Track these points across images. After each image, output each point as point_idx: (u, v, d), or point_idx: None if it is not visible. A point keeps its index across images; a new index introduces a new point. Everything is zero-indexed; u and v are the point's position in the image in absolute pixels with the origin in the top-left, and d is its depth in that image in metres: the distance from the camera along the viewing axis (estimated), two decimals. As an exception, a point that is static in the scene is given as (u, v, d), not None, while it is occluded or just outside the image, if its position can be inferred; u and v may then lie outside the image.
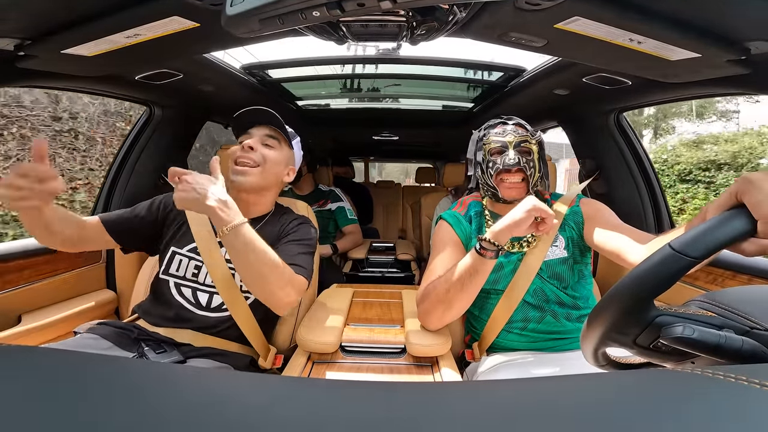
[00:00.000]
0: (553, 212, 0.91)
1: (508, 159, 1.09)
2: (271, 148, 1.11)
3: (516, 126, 1.14)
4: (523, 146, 1.11)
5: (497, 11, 0.82)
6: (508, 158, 1.09)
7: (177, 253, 1.08)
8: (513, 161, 1.08)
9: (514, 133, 1.11)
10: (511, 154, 1.09)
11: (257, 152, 1.08)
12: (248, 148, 1.07)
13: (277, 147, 1.13)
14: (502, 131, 1.13)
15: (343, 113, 2.61)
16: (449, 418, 0.28)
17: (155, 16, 0.82)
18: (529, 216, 0.90)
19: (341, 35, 0.99)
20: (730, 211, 0.48)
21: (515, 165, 1.08)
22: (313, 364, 1.00)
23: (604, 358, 0.54)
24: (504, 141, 1.11)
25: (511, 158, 1.09)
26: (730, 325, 0.43)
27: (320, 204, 2.41)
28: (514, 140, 1.10)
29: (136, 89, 1.44)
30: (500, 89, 1.86)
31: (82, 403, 0.28)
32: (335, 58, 1.73)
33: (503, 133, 1.12)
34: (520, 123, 1.15)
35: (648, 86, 1.25)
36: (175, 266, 1.07)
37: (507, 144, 1.11)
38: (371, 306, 1.35)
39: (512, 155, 1.09)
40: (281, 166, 1.14)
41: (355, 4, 0.63)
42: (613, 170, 1.67)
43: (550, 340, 1.07)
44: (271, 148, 1.11)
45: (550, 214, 0.90)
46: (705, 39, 0.81)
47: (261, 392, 0.32)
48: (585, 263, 1.14)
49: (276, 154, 1.12)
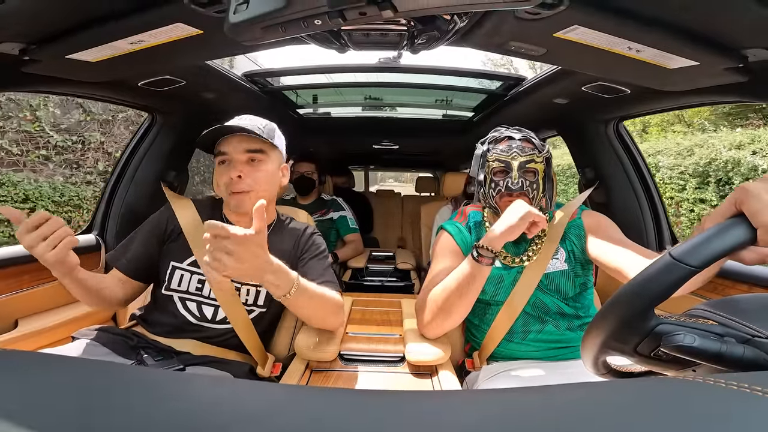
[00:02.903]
0: (544, 215, 0.96)
1: (511, 183, 1.05)
2: (259, 164, 1.02)
3: (523, 142, 1.07)
4: (529, 167, 1.05)
5: (497, 20, 0.83)
6: (511, 182, 1.05)
7: (177, 268, 1.04)
8: (516, 186, 1.04)
9: (519, 151, 1.05)
10: (514, 177, 1.05)
11: (247, 178, 0.99)
12: (237, 179, 0.98)
13: (264, 158, 1.02)
14: (507, 148, 1.07)
15: (343, 122, 2.63)
16: (449, 427, 0.28)
17: (159, 22, 0.83)
18: (523, 221, 0.93)
19: (343, 43, 1.00)
20: (730, 220, 0.47)
21: (518, 189, 1.04)
22: (312, 372, 0.99)
23: (605, 366, 0.54)
24: (508, 161, 1.06)
25: (514, 182, 1.04)
26: (731, 333, 0.43)
27: (322, 213, 2.42)
28: (519, 160, 1.05)
29: (139, 95, 1.45)
30: (500, 98, 1.88)
31: (80, 409, 0.28)
32: (337, 67, 1.74)
33: (508, 151, 1.06)
34: (528, 137, 1.09)
35: (647, 95, 1.26)
36: (176, 281, 1.04)
37: (511, 164, 1.05)
38: (370, 315, 1.35)
39: (515, 178, 1.04)
40: (275, 176, 1.07)
41: (357, 12, 0.64)
42: (613, 179, 1.67)
43: (551, 350, 1.06)
44: (259, 162, 1.02)
45: (542, 218, 0.95)
46: (703, 47, 0.81)
47: (259, 400, 0.32)
48: (586, 276, 1.13)
49: (266, 169, 1.03)
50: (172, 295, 1.04)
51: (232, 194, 1.00)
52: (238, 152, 1.00)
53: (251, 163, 1.01)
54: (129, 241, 1.09)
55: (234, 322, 1.02)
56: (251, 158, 1.01)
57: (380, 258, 2.63)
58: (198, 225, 1.06)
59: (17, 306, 1.27)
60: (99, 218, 1.64)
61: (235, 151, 1.00)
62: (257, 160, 1.01)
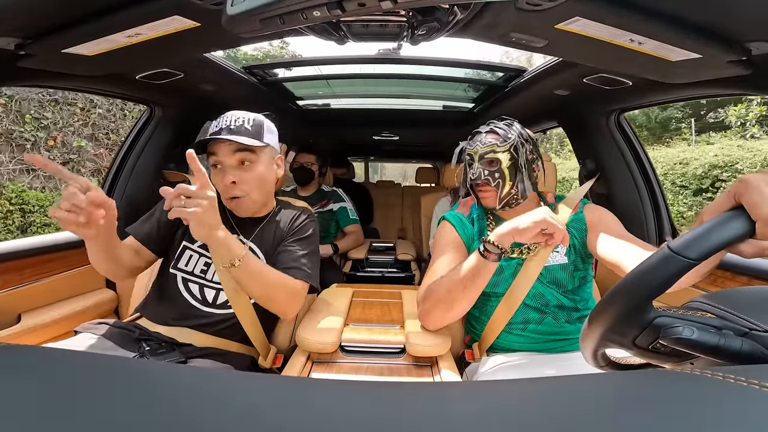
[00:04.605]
0: (564, 229, 0.87)
1: (471, 173, 1.11)
2: (250, 165, 1.03)
3: (488, 134, 1.11)
4: (488, 157, 1.08)
5: (498, 11, 0.82)
6: (472, 172, 1.10)
7: (188, 248, 1.08)
8: (475, 175, 1.09)
9: (480, 143, 1.10)
10: (475, 167, 1.10)
11: (241, 184, 1.02)
12: (231, 185, 1.01)
13: (254, 158, 1.03)
14: (473, 142, 1.13)
15: (343, 113, 2.61)
16: (449, 419, 0.28)
17: (156, 15, 0.82)
18: (535, 227, 0.87)
19: (342, 35, 0.99)
20: (729, 213, 0.47)
21: (478, 179, 1.09)
22: (313, 363, 1.00)
23: (604, 358, 0.54)
24: (471, 154, 1.12)
25: (474, 171, 1.10)
26: (729, 326, 0.43)
27: (322, 204, 2.42)
28: (478, 151, 1.09)
29: (137, 89, 1.44)
30: (501, 89, 1.86)
31: (83, 402, 0.28)
32: (336, 58, 1.73)
33: (472, 145, 1.12)
34: (494, 129, 1.11)
35: (648, 87, 1.25)
36: (184, 261, 1.07)
37: (473, 157, 1.11)
38: (371, 306, 1.35)
39: (476, 168, 1.10)
40: (269, 173, 1.08)
41: (356, 3, 0.63)
42: (614, 171, 1.67)
43: (551, 341, 1.07)
44: (250, 164, 1.03)
45: (559, 230, 0.86)
46: (706, 40, 0.81)
47: (261, 392, 0.32)
48: (586, 269, 1.13)
49: (257, 169, 1.04)
50: (177, 274, 1.07)
51: (229, 199, 1.05)
52: (228, 156, 1.01)
53: (242, 166, 1.02)
54: (149, 215, 1.12)
55: (235, 304, 1.03)
56: (242, 160, 1.02)
57: (380, 249, 2.63)
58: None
59: (20, 300, 1.28)
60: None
61: (226, 156, 1.01)
62: (248, 161, 1.03)
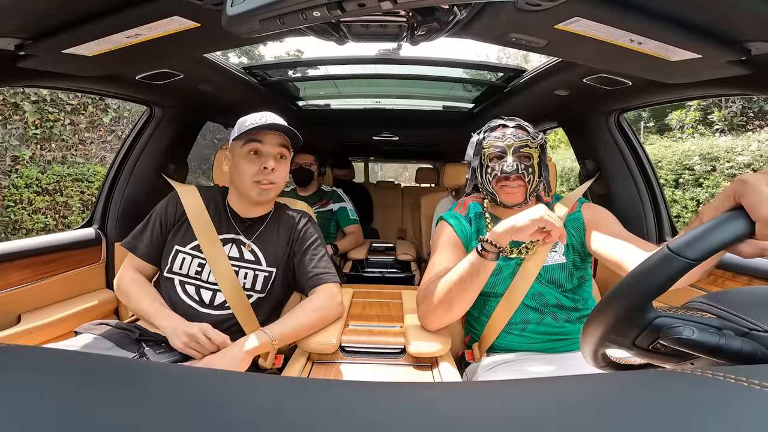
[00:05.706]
0: (561, 226, 0.87)
1: (506, 166, 1.06)
2: (284, 160, 1.12)
3: (517, 129, 1.10)
4: (523, 151, 1.07)
5: (498, 12, 0.82)
6: (506, 165, 1.06)
7: (180, 251, 1.09)
8: (511, 168, 1.05)
9: (513, 137, 1.07)
10: (509, 161, 1.06)
11: (276, 172, 1.09)
12: (270, 170, 1.07)
13: (288, 156, 1.14)
14: (502, 135, 1.09)
15: (343, 113, 2.61)
16: (449, 419, 0.28)
17: (156, 16, 0.82)
18: (533, 225, 0.86)
19: (342, 35, 0.99)
20: (728, 213, 0.47)
21: (513, 172, 1.06)
22: (313, 364, 1.00)
23: (604, 359, 0.54)
24: (503, 146, 1.08)
25: (509, 165, 1.06)
26: (729, 326, 0.43)
27: (322, 204, 2.42)
28: (513, 145, 1.07)
29: (137, 89, 1.44)
30: (500, 90, 1.86)
31: (83, 403, 0.28)
32: (336, 59, 1.73)
33: (503, 137, 1.08)
34: (522, 125, 1.11)
35: (648, 87, 1.25)
36: (178, 264, 1.08)
37: (506, 149, 1.07)
38: (371, 306, 1.35)
39: (510, 161, 1.06)
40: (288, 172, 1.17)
41: (356, 4, 0.63)
42: (613, 171, 1.67)
43: (550, 341, 1.07)
44: (284, 158, 1.12)
45: (557, 228, 0.86)
46: (705, 40, 0.81)
47: (261, 392, 0.32)
48: (585, 269, 1.13)
49: (287, 165, 1.14)
50: (173, 278, 1.08)
51: (258, 184, 1.07)
52: (273, 146, 1.08)
53: (279, 159, 1.10)
54: (142, 228, 1.14)
55: (233, 304, 1.05)
56: (281, 154, 1.10)
57: (380, 249, 2.63)
58: (202, 211, 1.12)
59: (20, 301, 1.28)
60: (99, 212, 1.64)
61: (272, 146, 1.08)
62: (285, 156, 1.12)
